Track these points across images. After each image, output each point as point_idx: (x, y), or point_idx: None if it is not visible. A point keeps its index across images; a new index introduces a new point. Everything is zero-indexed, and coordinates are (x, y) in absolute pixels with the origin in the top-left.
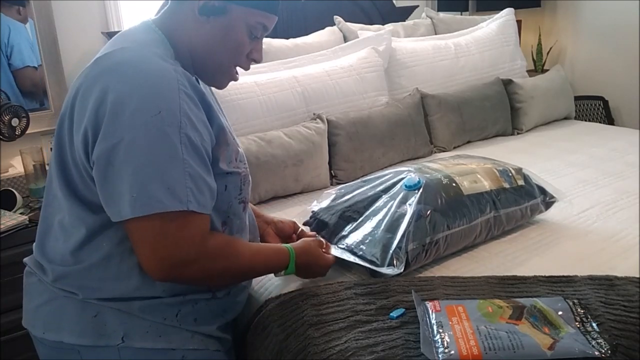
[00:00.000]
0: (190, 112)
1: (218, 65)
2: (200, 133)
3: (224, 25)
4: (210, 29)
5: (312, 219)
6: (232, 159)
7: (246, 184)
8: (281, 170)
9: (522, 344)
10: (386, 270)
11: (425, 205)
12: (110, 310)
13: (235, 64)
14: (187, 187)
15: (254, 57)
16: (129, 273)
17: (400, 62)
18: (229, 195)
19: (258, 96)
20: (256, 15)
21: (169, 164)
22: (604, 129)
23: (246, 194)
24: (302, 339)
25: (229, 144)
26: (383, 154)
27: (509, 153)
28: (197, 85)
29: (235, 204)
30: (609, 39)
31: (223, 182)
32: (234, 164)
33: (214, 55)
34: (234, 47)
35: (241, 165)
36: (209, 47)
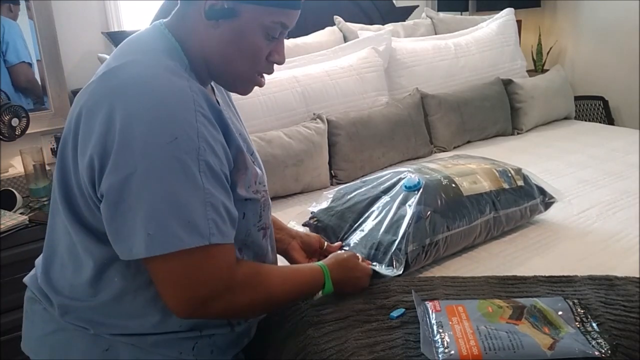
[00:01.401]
0: (208, 135)
1: (236, 74)
2: (219, 158)
3: (236, 29)
4: (221, 34)
5: (312, 220)
6: (252, 183)
7: (266, 209)
8: (281, 170)
9: (522, 344)
10: (385, 271)
11: (425, 207)
12: (123, 344)
13: (255, 71)
14: (209, 218)
15: (275, 60)
16: (143, 310)
17: (400, 62)
18: (246, 223)
19: (258, 96)
20: (272, 14)
21: (189, 195)
22: (604, 129)
23: (266, 220)
24: (302, 338)
25: (248, 167)
26: (383, 154)
27: (509, 153)
28: (215, 103)
29: (254, 232)
30: (609, 39)
31: (241, 209)
32: (254, 188)
33: (230, 63)
34: (249, 52)
35: (261, 188)
36: (222, 54)
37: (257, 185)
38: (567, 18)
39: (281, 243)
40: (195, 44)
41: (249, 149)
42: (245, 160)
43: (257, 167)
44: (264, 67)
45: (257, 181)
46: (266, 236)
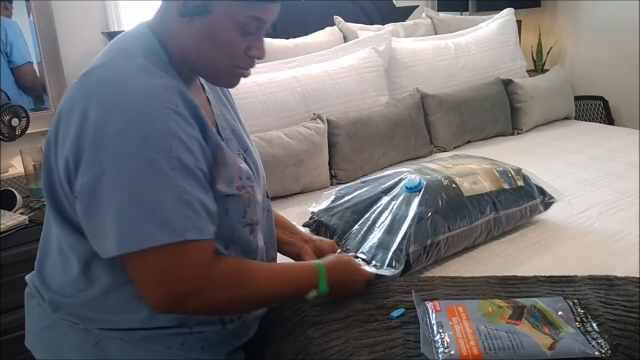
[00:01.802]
0: (181, 132)
1: (215, 68)
2: (193, 154)
3: (209, 26)
4: (196, 31)
5: (312, 220)
6: (235, 178)
7: (252, 205)
8: (281, 170)
9: (522, 344)
10: (384, 271)
11: (426, 207)
12: (112, 339)
13: (234, 65)
14: (184, 215)
15: (254, 55)
16: (130, 306)
17: (400, 62)
18: (230, 219)
19: (258, 96)
20: (245, 9)
21: (161, 193)
22: (604, 129)
23: (253, 215)
24: (302, 338)
25: (228, 164)
26: (383, 154)
27: (509, 153)
28: (191, 100)
29: (239, 228)
30: (609, 39)
31: (223, 205)
32: (238, 184)
33: (206, 58)
34: (224, 48)
35: (248, 184)
36: (198, 50)
37: (242, 180)
38: (567, 18)
39: (294, 247)
40: (173, 41)
41: (242, 144)
42: (225, 156)
43: (244, 163)
44: (243, 62)
45: (241, 176)
46: (254, 232)
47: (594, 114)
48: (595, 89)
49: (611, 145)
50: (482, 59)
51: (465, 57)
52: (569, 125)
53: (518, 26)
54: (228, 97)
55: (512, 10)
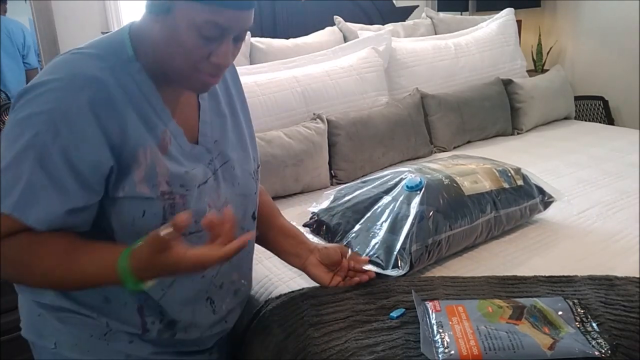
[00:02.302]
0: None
1: (176, 69)
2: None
3: (170, 26)
4: (160, 29)
5: (312, 220)
6: (158, 182)
7: (179, 212)
8: (281, 170)
9: (522, 344)
10: (391, 271)
11: (428, 206)
12: (47, 313)
13: (195, 69)
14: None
15: (214, 62)
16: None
17: (400, 62)
18: (145, 222)
19: (258, 96)
20: (203, 12)
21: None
22: (604, 129)
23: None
24: (302, 339)
25: (149, 164)
26: (383, 154)
27: (509, 153)
28: (116, 95)
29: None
30: (609, 39)
31: (140, 206)
32: (163, 188)
33: (168, 58)
34: (182, 51)
35: (178, 191)
36: (160, 50)
37: (170, 186)
38: (567, 18)
39: (299, 258)
40: (145, 37)
41: (222, 157)
42: (146, 156)
43: (184, 168)
44: (206, 68)
45: (170, 182)
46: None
47: (594, 114)
48: (595, 89)
49: (611, 145)
50: (482, 59)
51: (465, 57)
52: (569, 125)
53: (518, 26)
54: (239, 102)
55: (512, 10)
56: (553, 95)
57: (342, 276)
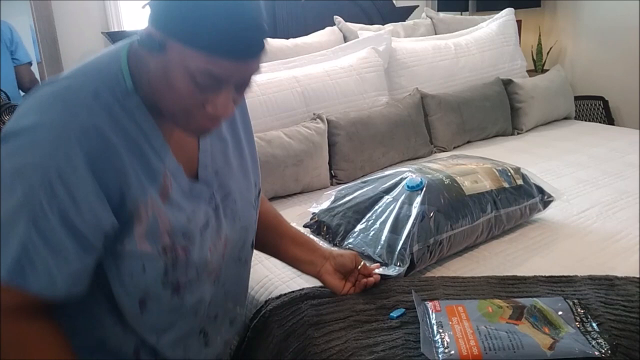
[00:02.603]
0: (73, 173)
1: (171, 113)
2: (77, 206)
3: (164, 66)
4: (155, 66)
5: (313, 221)
6: (160, 235)
7: (180, 267)
8: (281, 170)
9: (522, 344)
10: (391, 271)
11: (429, 206)
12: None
13: (189, 116)
14: (13, 257)
15: (209, 111)
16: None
17: (400, 62)
18: (146, 277)
19: (258, 96)
20: (196, 59)
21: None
22: (604, 129)
23: (181, 277)
24: (302, 339)
25: (149, 217)
26: (383, 154)
27: (509, 153)
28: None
29: (156, 288)
30: (609, 39)
31: (140, 261)
32: (165, 242)
33: (161, 98)
34: (176, 95)
35: (180, 242)
36: (155, 87)
37: (171, 238)
38: (567, 18)
39: (314, 266)
40: (142, 67)
41: (222, 189)
42: (147, 210)
43: (183, 219)
44: (201, 116)
45: (171, 233)
46: (180, 293)
47: (594, 114)
48: (595, 89)
49: (611, 145)
50: (482, 59)
51: (465, 57)
52: (569, 125)
53: (518, 26)
54: (242, 125)
55: (512, 10)
56: (553, 95)
57: (352, 282)
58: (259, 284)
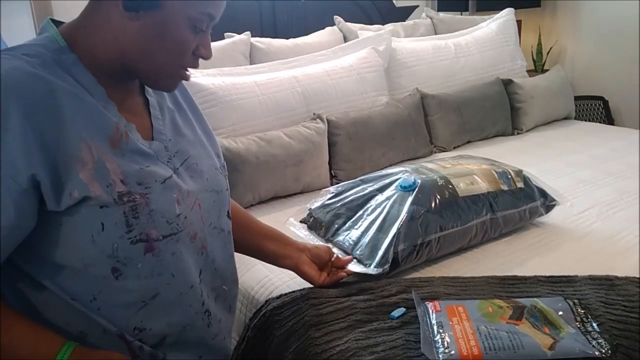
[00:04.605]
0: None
1: (158, 68)
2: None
3: (159, 22)
4: (142, 27)
5: (309, 217)
6: (114, 182)
7: (142, 215)
8: (281, 170)
9: (523, 344)
10: (372, 270)
11: (418, 207)
12: None
13: (180, 66)
14: None
15: (202, 55)
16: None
17: (400, 62)
18: (108, 236)
19: (258, 96)
20: (199, 5)
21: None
22: (604, 129)
23: (148, 229)
24: (303, 339)
25: (97, 162)
26: (383, 154)
27: (509, 153)
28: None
29: (124, 246)
30: (609, 39)
31: (97, 218)
32: (121, 189)
33: (152, 58)
34: (175, 47)
35: (137, 189)
36: (142, 48)
37: (126, 185)
38: (567, 18)
39: (290, 259)
40: (105, 36)
41: (181, 154)
42: (92, 153)
43: (140, 165)
44: (190, 62)
45: (125, 180)
46: (154, 250)
47: (594, 114)
48: (595, 89)
49: (611, 145)
50: (482, 59)
51: (465, 57)
52: (569, 125)
53: (518, 26)
54: (184, 101)
55: (512, 10)
56: (553, 95)
57: (327, 272)
58: (259, 284)
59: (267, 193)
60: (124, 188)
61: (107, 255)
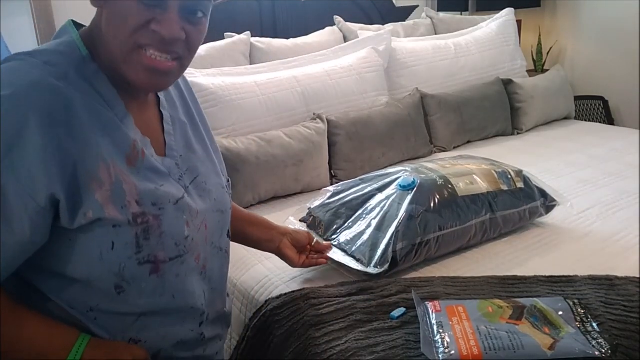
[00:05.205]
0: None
1: (116, 52)
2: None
3: (113, 3)
4: (106, 15)
5: (308, 216)
6: (129, 203)
7: (153, 237)
8: (281, 170)
9: (523, 344)
10: (371, 269)
11: (417, 206)
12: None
13: (134, 43)
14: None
15: (156, 29)
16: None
17: (400, 62)
18: (117, 255)
19: (258, 96)
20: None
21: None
22: (604, 129)
23: (157, 251)
24: (303, 339)
25: (114, 182)
26: (383, 154)
27: (509, 153)
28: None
29: (131, 266)
30: (609, 39)
31: (108, 237)
32: (135, 210)
33: (112, 42)
34: (121, 16)
35: (150, 211)
36: (108, 36)
37: (141, 206)
38: (567, 18)
39: (272, 243)
40: (98, 36)
41: (191, 171)
42: (110, 173)
43: (155, 186)
44: (145, 38)
45: (140, 201)
46: (160, 272)
47: (594, 114)
48: (595, 89)
49: (611, 145)
50: (482, 59)
51: (465, 57)
52: (569, 125)
53: (518, 26)
54: (197, 114)
55: (512, 10)
56: (553, 95)
57: (306, 255)
58: (259, 284)
59: (267, 193)
60: (138, 209)
61: (114, 273)
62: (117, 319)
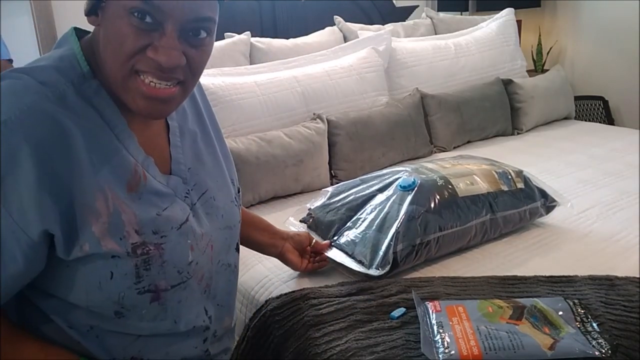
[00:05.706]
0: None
1: (113, 76)
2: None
3: (106, 20)
4: (102, 34)
5: (309, 217)
6: (128, 233)
7: (154, 267)
8: (281, 170)
9: (523, 344)
10: (373, 271)
11: (418, 206)
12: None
13: (131, 69)
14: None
15: (151, 56)
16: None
17: (400, 62)
18: (116, 284)
19: (258, 96)
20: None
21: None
22: (604, 129)
23: (158, 280)
24: (303, 339)
25: (112, 213)
26: (383, 154)
27: (509, 153)
28: (66, 133)
29: (131, 295)
30: (609, 39)
31: (106, 267)
32: (134, 240)
33: (108, 64)
34: (115, 40)
35: (151, 240)
36: (103, 56)
37: (140, 235)
38: (567, 18)
39: (275, 248)
40: (96, 53)
41: (199, 186)
42: (107, 204)
43: (155, 212)
44: (142, 63)
45: (140, 230)
46: (161, 300)
47: (594, 114)
48: (595, 89)
49: (611, 145)
50: (482, 59)
51: (465, 57)
52: (569, 125)
53: (518, 26)
54: (209, 119)
55: (512, 10)
56: (553, 95)
57: (307, 259)
58: (259, 284)
59: (267, 193)
60: (138, 239)
61: (113, 301)
62: (118, 338)
